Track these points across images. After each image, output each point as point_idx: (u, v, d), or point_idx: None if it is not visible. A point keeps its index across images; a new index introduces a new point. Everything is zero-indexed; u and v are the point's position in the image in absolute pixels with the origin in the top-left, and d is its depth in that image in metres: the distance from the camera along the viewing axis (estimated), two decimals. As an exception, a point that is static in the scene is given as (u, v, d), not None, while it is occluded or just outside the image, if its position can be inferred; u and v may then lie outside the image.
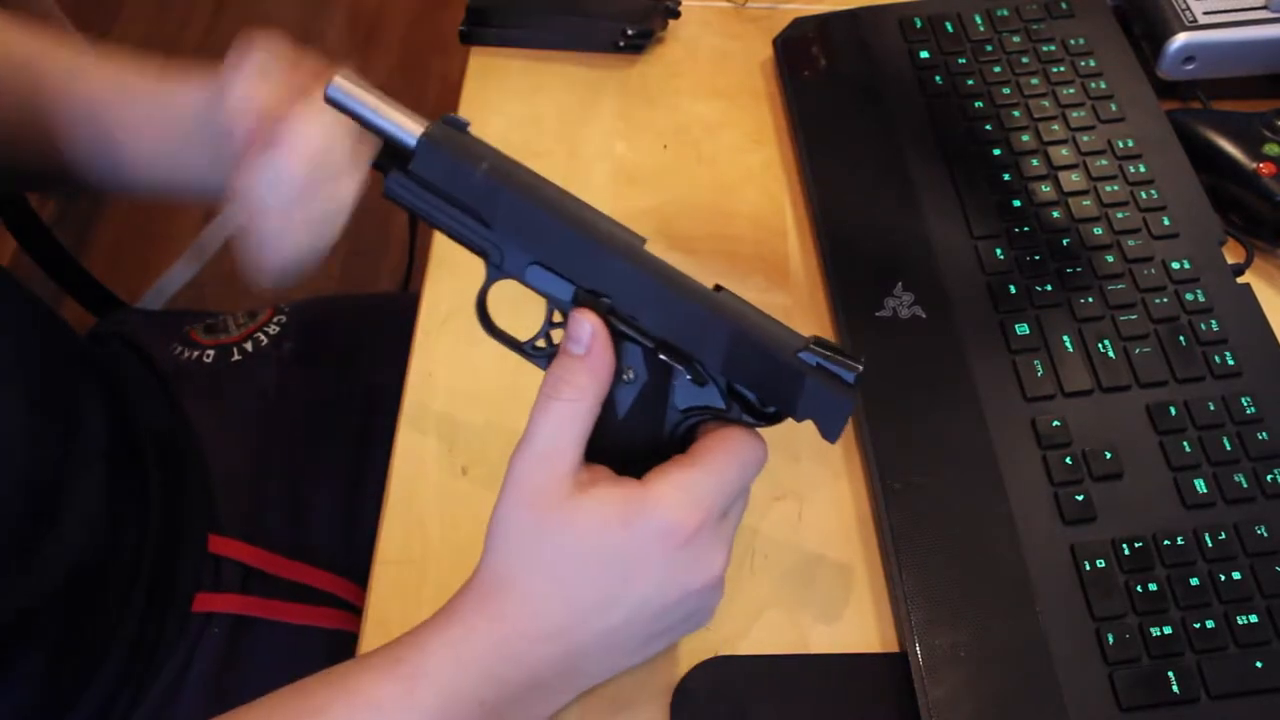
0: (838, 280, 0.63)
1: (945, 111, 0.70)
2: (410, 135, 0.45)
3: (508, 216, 0.45)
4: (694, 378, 0.45)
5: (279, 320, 0.79)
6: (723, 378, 0.45)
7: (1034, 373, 0.58)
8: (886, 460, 0.56)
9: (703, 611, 0.48)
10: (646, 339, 0.45)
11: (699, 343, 0.45)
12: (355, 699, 0.44)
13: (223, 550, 0.66)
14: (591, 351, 0.44)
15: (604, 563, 0.44)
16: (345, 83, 0.46)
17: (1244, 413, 0.56)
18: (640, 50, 0.78)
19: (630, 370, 0.46)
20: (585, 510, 0.44)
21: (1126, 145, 0.67)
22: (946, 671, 0.49)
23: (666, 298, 0.45)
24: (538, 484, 0.44)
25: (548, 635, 0.45)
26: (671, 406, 0.46)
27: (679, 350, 0.45)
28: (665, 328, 0.45)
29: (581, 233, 0.45)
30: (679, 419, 0.46)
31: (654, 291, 0.45)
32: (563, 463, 0.44)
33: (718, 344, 0.44)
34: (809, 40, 0.76)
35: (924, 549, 0.53)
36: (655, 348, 0.45)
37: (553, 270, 0.45)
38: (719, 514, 0.45)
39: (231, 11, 2.06)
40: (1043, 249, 0.63)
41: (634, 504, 0.44)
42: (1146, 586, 0.51)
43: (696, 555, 0.45)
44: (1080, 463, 0.55)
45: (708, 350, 0.45)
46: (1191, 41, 0.70)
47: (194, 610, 0.64)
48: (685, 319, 0.45)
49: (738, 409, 0.46)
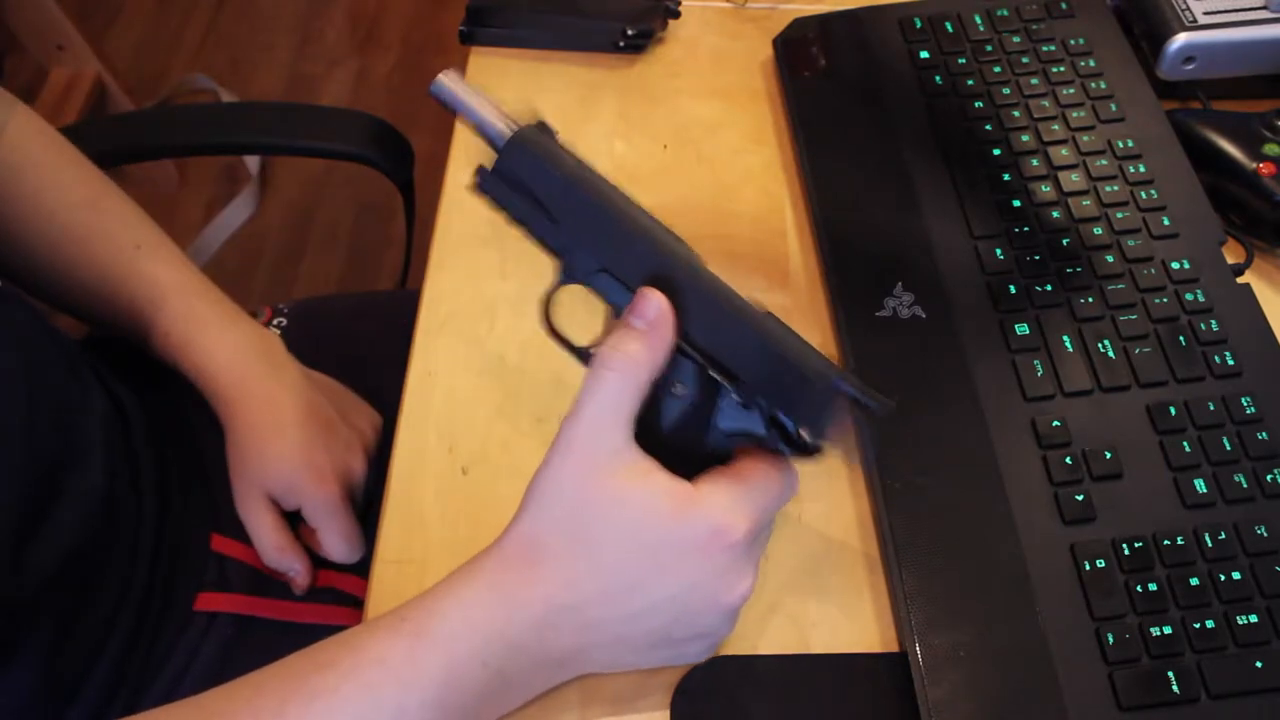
0: (838, 280, 0.63)
1: (945, 111, 0.70)
2: (501, 133, 0.48)
3: (579, 220, 0.47)
4: (741, 399, 0.46)
5: (279, 321, 0.79)
6: (766, 404, 0.46)
7: (1034, 373, 0.58)
8: (886, 460, 0.56)
9: (712, 637, 0.49)
10: (700, 355, 0.46)
11: (744, 359, 0.46)
12: (361, 655, 0.44)
13: (227, 550, 0.66)
14: (653, 327, 0.45)
15: (647, 551, 0.45)
16: (448, 79, 0.49)
17: (1244, 413, 0.56)
18: (640, 50, 0.78)
19: (680, 384, 0.47)
20: (637, 494, 0.44)
21: (1126, 145, 0.67)
22: (946, 671, 0.49)
23: (721, 313, 0.46)
24: (587, 455, 0.45)
25: (571, 606, 0.45)
26: (714, 426, 0.47)
27: (729, 370, 0.46)
28: (715, 342, 0.46)
29: (647, 244, 0.47)
30: (720, 440, 0.47)
31: (710, 306, 0.46)
32: (613, 436, 0.45)
33: (762, 364, 0.46)
34: (809, 40, 0.76)
35: (924, 549, 0.53)
36: (706, 364, 0.46)
37: (617, 278, 0.47)
38: (758, 531, 0.46)
39: (231, 11, 2.07)
40: (1043, 249, 0.63)
41: (689, 499, 0.44)
42: (1146, 586, 0.51)
43: (733, 566, 0.46)
44: (1080, 463, 0.55)
45: (751, 368, 0.46)
46: (1191, 42, 0.70)
47: (196, 609, 0.64)
48: (736, 336, 0.46)
49: (776, 437, 0.46)
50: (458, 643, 0.44)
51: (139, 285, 0.66)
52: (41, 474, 0.54)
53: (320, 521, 0.64)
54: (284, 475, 0.63)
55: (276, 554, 0.64)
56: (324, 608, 0.67)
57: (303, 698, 0.44)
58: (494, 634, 0.44)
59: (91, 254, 0.67)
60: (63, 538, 0.56)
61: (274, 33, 2.04)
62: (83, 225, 0.67)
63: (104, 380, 0.65)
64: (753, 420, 0.46)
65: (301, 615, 0.66)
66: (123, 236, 0.68)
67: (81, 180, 0.68)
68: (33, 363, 0.55)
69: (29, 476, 0.53)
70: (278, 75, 1.98)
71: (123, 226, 0.68)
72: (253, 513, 0.63)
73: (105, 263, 0.67)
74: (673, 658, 0.49)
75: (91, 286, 0.67)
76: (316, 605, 0.67)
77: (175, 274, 0.67)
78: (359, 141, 0.87)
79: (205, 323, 0.66)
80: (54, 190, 0.67)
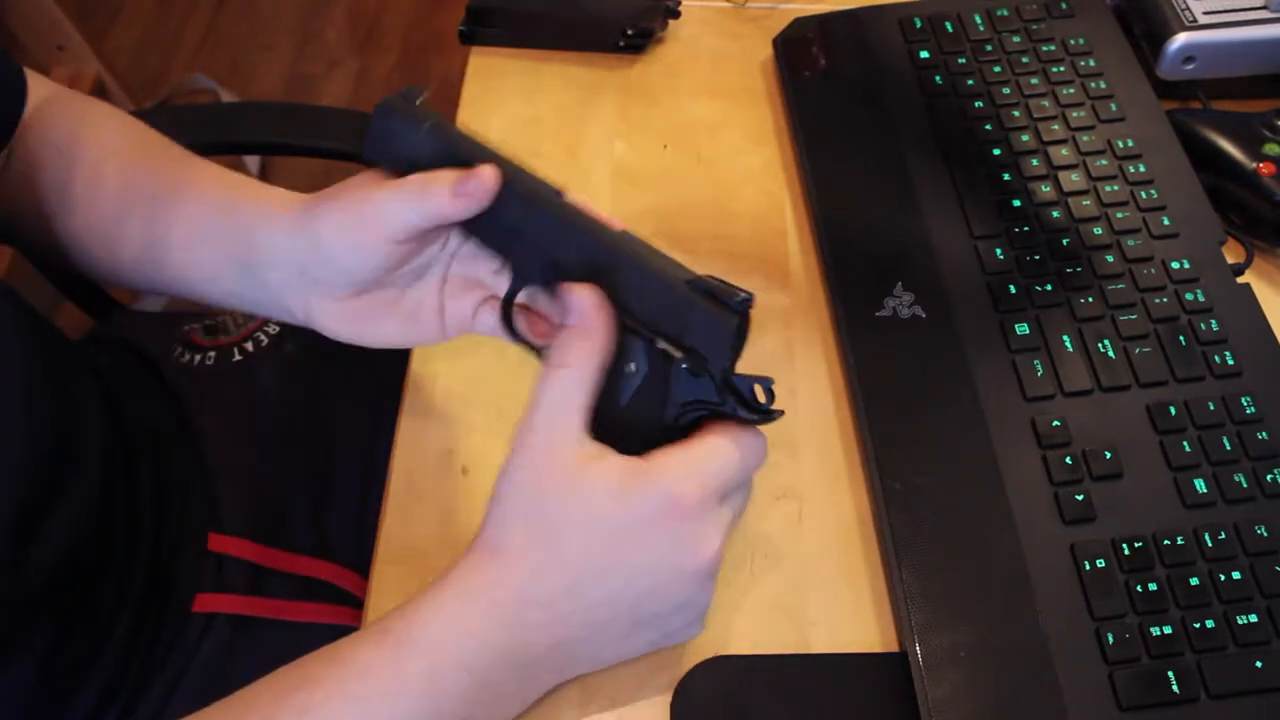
0: (838, 280, 0.63)
1: (945, 111, 0.70)
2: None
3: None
4: (691, 367, 0.46)
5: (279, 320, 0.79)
6: (719, 372, 0.46)
7: (1034, 372, 0.58)
8: (886, 460, 0.56)
9: (692, 608, 0.48)
10: (642, 329, 0.47)
11: (611, 276, 0.47)
12: (346, 668, 0.45)
13: (225, 548, 0.66)
14: (589, 322, 0.46)
15: (603, 531, 0.45)
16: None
17: (1244, 412, 0.56)
18: (640, 50, 0.78)
19: (632, 363, 0.47)
20: (589, 478, 0.45)
21: (1126, 145, 0.67)
22: (946, 671, 0.49)
23: (576, 234, 0.48)
24: (541, 450, 0.45)
25: (540, 602, 0.45)
26: (671, 400, 0.47)
27: (672, 337, 0.46)
28: (646, 308, 0.47)
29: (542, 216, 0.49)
30: (678, 411, 0.47)
31: (565, 231, 0.48)
32: (565, 429, 0.45)
33: (625, 278, 0.47)
34: (809, 40, 0.76)
35: (924, 549, 0.53)
36: (650, 336, 0.47)
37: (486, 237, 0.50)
38: (718, 495, 0.46)
39: (231, 11, 2.06)
40: (1043, 249, 0.63)
41: (637, 475, 0.45)
42: (1146, 586, 0.51)
43: (693, 532, 0.45)
44: (1080, 462, 0.55)
45: (618, 285, 0.47)
46: (1191, 41, 0.70)
47: (195, 610, 0.64)
48: (592, 251, 0.47)
49: (733, 403, 0.46)
50: (439, 650, 0.45)
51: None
52: (41, 474, 0.54)
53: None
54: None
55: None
56: (323, 606, 0.67)
57: (291, 713, 0.44)
58: (472, 638, 0.45)
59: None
60: (62, 538, 0.56)
61: (274, 33, 2.04)
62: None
63: (103, 379, 0.65)
64: (705, 388, 0.46)
65: (300, 614, 0.66)
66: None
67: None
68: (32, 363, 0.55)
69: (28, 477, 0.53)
70: (278, 75, 1.98)
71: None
72: None
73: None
74: (660, 638, 0.49)
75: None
76: (315, 604, 0.67)
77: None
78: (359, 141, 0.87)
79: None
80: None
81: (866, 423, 0.57)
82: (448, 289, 0.54)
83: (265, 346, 0.77)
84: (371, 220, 0.50)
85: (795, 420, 0.60)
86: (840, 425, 0.60)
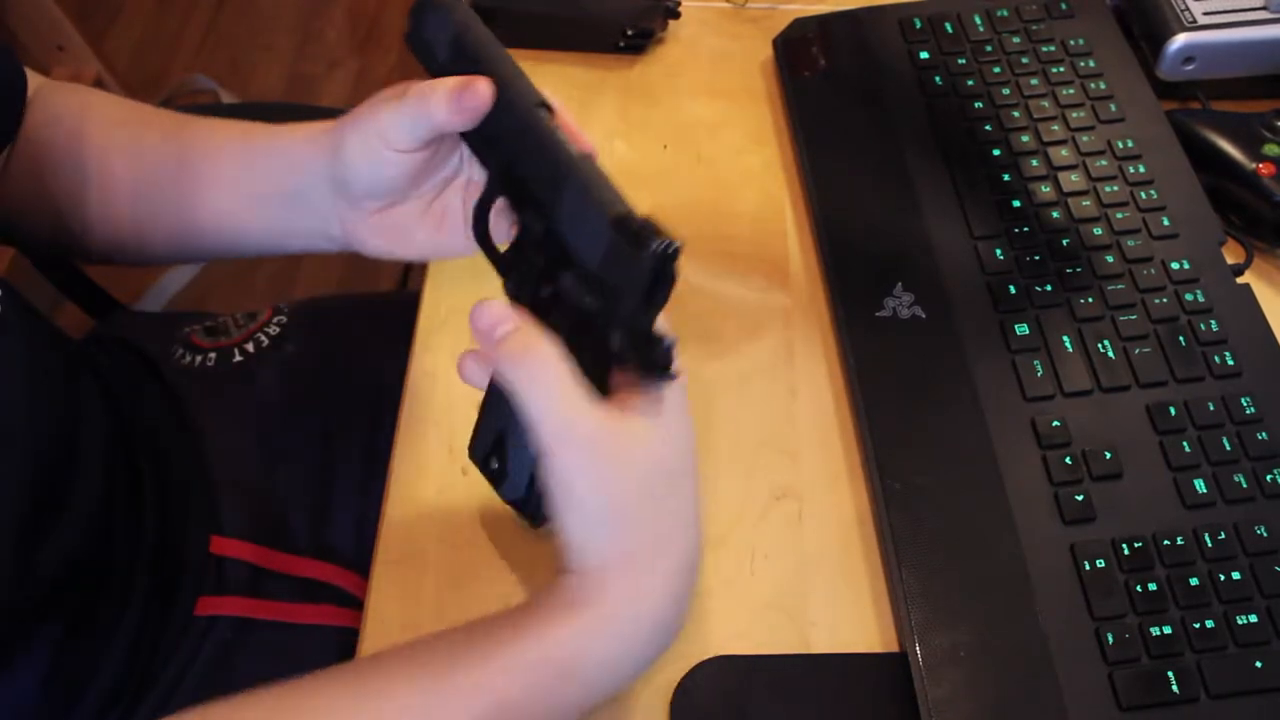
0: (838, 280, 0.63)
1: (945, 112, 0.70)
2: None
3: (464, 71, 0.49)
4: (600, 302, 0.44)
5: (279, 320, 0.79)
6: (628, 314, 0.44)
7: (1034, 373, 0.58)
8: (886, 460, 0.56)
9: (691, 512, 0.47)
10: (571, 258, 0.45)
11: (557, 197, 0.46)
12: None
13: (226, 550, 0.66)
14: (508, 333, 0.45)
15: (656, 479, 0.45)
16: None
17: (1243, 413, 0.56)
18: (640, 50, 0.78)
19: (549, 286, 0.46)
20: (625, 444, 0.44)
21: (1126, 145, 0.67)
22: (946, 671, 0.49)
23: (537, 148, 0.47)
24: (578, 445, 0.44)
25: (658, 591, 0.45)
26: (573, 341, 0.45)
27: (592, 272, 0.44)
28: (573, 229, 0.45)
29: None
30: (580, 356, 0.45)
31: (529, 144, 0.48)
32: (580, 410, 0.44)
33: (567, 201, 0.46)
34: (809, 40, 0.76)
35: (924, 549, 0.53)
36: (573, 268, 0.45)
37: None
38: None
39: (231, 11, 2.06)
40: (1043, 249, 0.63)
41: (621, 419, 0.44)
42: (1146, 586, 0.51)
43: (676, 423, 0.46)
44: (1080, 463, 0.55)
45: (560, 207, 0.46)
46: (1191, 42, 0.70)
47: (197, 614, 0.64)
48: (545, 168, 0.46)
49: (626, 353, 0.44)
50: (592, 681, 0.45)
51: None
52: (44, 480, 0.54)
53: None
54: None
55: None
56: (324, 608, 0.67)
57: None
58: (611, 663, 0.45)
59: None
60: (67, 544, 0.55)
61: (274, 33, 2.04)
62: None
63: (103, 379, 0.65)
64: (607, 340, 0.44)
65: (301, 616, 0.66)
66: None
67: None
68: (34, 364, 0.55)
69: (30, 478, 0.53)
70: (278, 75, 1.98)
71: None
72: None
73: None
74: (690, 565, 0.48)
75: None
76: (316, 606, 0.67)
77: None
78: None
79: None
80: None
81: (866, 423, 0.57)
82: (469, 195, 0.55)
83: (265, 347, 0.77)
84: (381, 134, 0.51)
85: (795, 420, 0.60)
86: (840, 425, 0.60)
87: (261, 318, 0.80)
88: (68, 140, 0.62)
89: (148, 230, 0.62)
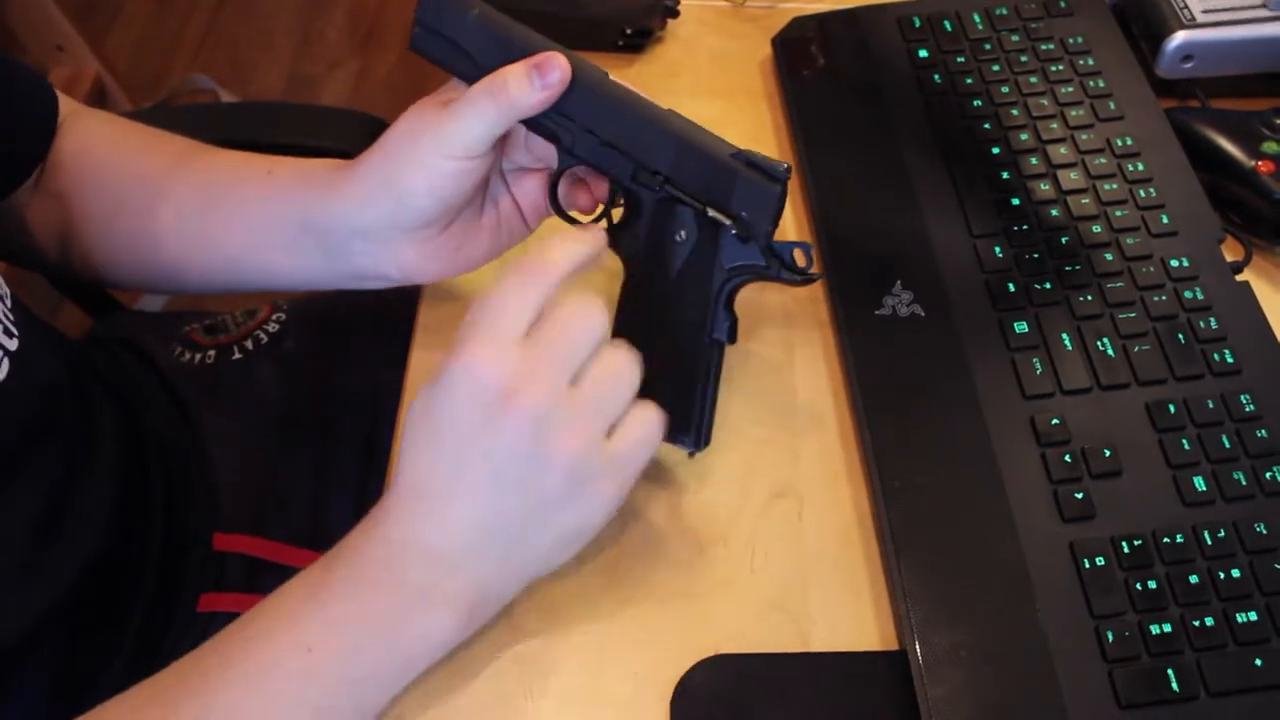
0: (837, 279, 0.63)
1: (944, 110, 0.70)
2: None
3: (499, 60, 0.50)
4: (739, 232, 0.50)
5: (278, 318, 0.79)
6: (764, 237, 0.50)
7: (1033, 371, 0.58)
8: (886, 459, 0.56)
9: (593, 494, 0.48)
10: (693, 199, 0.51)
11: (662, 150, 0.51)
12: (280, 595, 0.48)
13: (228, 546, 0.66)
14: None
15: (453, 447, 0.46)
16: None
17: (1243, 410, 0.56)
18: (639, 50, 0.78)
19: (682, 231, 0.51)
20: (433, 400, 0.47)
21: (1125, 143, 0.67)
22: (946, 671, 0.49)
23: (680, 144, 0.51)
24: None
25: (460, 496, 0.46)
26: (719, 267, 0.51)
27: (725, 207, 0.50)
28: (687, 178, 0.51)
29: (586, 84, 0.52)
30: (724, 278, 0.52)
31: (615, 110, 0.52)
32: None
33: (675, 151, 0.51)
34: (808, 39, 0.76)
35: (924, 548, 0.53)
36: (701, 206, 0.50)
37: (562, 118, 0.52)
38: (552, 383, 0.46)
39: (231, 11, 2.06)
40: (1041, 247, 0.63)
41: (447, 386, 0.46)
42: (1146, 584, 0.51)
43: (537, 425, 0.45)
44: (1079, 461, 0.55)
45: (661, 160, 0.51)
46: (1190, 40, 0.70)
47: (200, 611, 0.64)
48: (639, 132, 0.51)
49: (777, 266, 0.51)
50: (365, 555, 0.47)
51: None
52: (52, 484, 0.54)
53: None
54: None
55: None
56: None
57: (239, 642, 0.46)
58: (402, 539, 0.46)
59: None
60: (77, 546, 0.55)
61: (274, 33, 2.04)
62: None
63: (107, 381, 0.65)
64: (751, 253, 0.51)
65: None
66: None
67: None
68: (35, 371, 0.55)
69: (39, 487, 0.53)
70: (278, 75, 1.98)
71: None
72: None
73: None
74: (574, 534, 0.49)
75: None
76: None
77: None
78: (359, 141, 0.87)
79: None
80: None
81: (866, 422, 0.57)
82: (513, 181, 0.55)
83: (265, 345, 0.77)
84: (444, 149, 0.50)
85: (795, 419, 0.60)
86: (840, 425, 0.60)
87: (260, 315, 0.80)
88: (98, 169, 0.61)
89: (174, 263, 0.61)
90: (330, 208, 0.54)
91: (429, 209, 0.51)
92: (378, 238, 0.53)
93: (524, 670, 0.52)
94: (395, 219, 0.52)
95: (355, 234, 0.54)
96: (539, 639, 0.52)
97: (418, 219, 0.52)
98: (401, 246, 0.53)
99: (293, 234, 0.56)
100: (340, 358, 0.78)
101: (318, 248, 0.56)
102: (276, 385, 0.75)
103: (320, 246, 0.56)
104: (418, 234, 0.53)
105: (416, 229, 0.53)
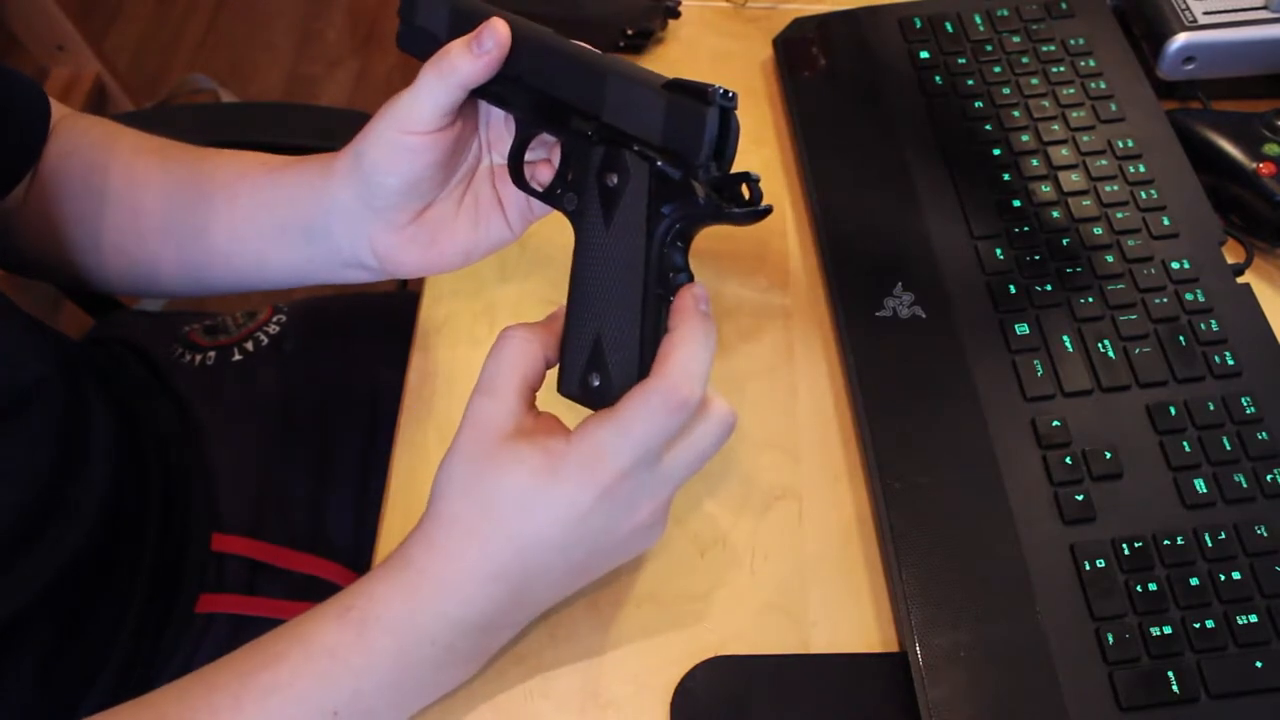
0: (838, 280, 0.63)
1: (945, 111, 0.70)
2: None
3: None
4: (672, 167, 0.46)
5: (278, 319, 0.79)
6: (700, 170, 0.46)
7: (1034, 372, 0.58)
8: (886, 460, 0.56)
9: (643, 543, 0.49)
10: (626, 140, 0.47)
11: (600, 96, 0.47)
12: (311, 646, 0.46)
13: (227, 548, 0.66)
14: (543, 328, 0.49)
15: (537, 507, 0.46)
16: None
17: (1244, 412, 0.56)
18: (640, 50, 0.78)
19: (613, 175, 0.47)
20: (518, 454, 0.45)
21: (1126, 145, 0.67)
22: (946, 671, 0.49)
23: (566, 62, 0.49)
24: (477, 425, 0.46)
25: (495, 575, 0.46)
26: (654, 213, 0.47)
27: (652, 141, 0.46)
28: (627, 120, 0.47)
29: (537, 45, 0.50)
30: (665, 227, 0.47)
31: (556, 61, 0.49)
32: (502, 401, 0.46)
33: (612, 93, 0.47)
34: (809, 40, 0.76)
35: (924, 549, 0.53)
36: (637, 146, 0.47)
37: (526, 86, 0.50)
38: (644, 461, 0.46)
39: (231, 11, 2.06)
40: (1042, 249, 0.63)
41: (556, 454, 0.45)
42: (1146, 586, 0.51)
43: (624, 500, 0.46)
44: (1080, 462, 0.55)
45: (597, 102, 0.48)
46: (1191, 41, 0.70)
47: (197, 611, 0.64)
48: (579, 81, 0.48)
49: (715, 202, 0.46)
50: (404, 628, 0.46)
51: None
52: (39, 485, 0.54)
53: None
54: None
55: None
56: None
57: (258, 693, 0.45)
58: (436, 614, 0.46)
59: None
60: (63, 548, 0.55)
61: (274, 33, 2.04)
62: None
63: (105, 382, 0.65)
64: (686, 191, 0.46)
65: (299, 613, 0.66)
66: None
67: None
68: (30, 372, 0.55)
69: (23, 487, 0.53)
70: (278, 75, 1.98)
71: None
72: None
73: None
74: (611, 564, 0.50)
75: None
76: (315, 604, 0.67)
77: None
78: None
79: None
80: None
81: (866, 422, 0.57)
82: (498, 177, 0.55)
83: (265, 346, 0.77)
84: (400, 124, 0.51)
85: (795, 420, 0.60)
86: (840, 425, 0.60)
87: (261, 317, 0.80)
88: (87, 171, 0.62)
89: (164, 261, 0.62)
90: (317, 188, 0.56)
91: (393, 186, 0.53)
92: (353, 216, 0.55)
93: (524, 670, 0.52)
94: (365, 197, 0.54)
95: (334, 212, 0.55)
96: (539, 640, 0.52)
97: (385, 198, 0.53)
98: (377, 230, 0.55)
99: (282, 221, 0.58)
100: (340, 359, 0.78)
101: (303, 234, 0.57)
102: (276, 387, 0.75)
103: (305, 233, 0.57)
104: (390, 215, 0.54)
105: (387, 209, 0.54)
